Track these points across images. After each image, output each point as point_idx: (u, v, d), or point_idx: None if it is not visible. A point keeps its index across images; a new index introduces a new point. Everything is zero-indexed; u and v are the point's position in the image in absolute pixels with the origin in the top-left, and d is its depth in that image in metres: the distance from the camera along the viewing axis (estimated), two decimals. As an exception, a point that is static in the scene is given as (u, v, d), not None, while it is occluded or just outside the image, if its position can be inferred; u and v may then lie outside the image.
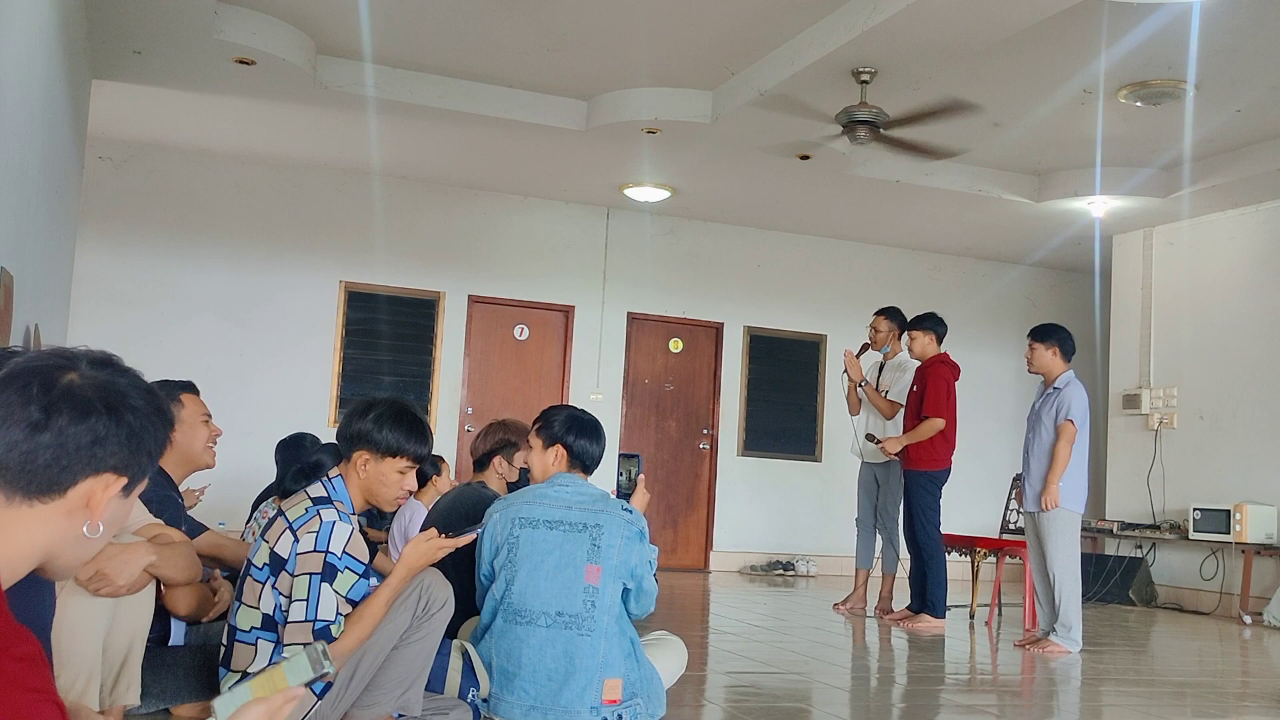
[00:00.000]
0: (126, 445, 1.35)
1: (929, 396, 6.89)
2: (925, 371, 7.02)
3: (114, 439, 1.34)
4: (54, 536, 1.33)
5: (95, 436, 1.33)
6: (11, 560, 1.31)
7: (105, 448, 1.34)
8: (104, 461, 1.34)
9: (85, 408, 1.33)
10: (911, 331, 7.17)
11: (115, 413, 1.35)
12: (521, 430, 4.23)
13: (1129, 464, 9.77)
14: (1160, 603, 9.15)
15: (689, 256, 10.54)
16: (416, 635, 2.93)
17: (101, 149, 8.72)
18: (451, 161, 9.10)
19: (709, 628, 6.54)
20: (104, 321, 8.53)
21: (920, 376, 7.05)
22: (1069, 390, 6.20)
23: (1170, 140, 7.96)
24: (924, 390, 6.94)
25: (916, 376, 7.10)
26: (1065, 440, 6.11)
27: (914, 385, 7.10)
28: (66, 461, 1.32)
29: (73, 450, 1.32)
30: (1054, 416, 6.19)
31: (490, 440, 4.31)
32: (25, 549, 1.32)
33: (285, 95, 7.50)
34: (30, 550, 1.32)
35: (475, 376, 9.95)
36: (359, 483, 2.94)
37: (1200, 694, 5.18)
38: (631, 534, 3.25)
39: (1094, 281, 11.21)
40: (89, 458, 1.33)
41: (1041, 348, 6.32)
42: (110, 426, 1.34)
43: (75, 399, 1.33)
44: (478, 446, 4.36)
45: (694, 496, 10.50)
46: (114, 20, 6.25)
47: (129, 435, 1.36)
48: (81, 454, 1.32)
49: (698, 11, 6.36)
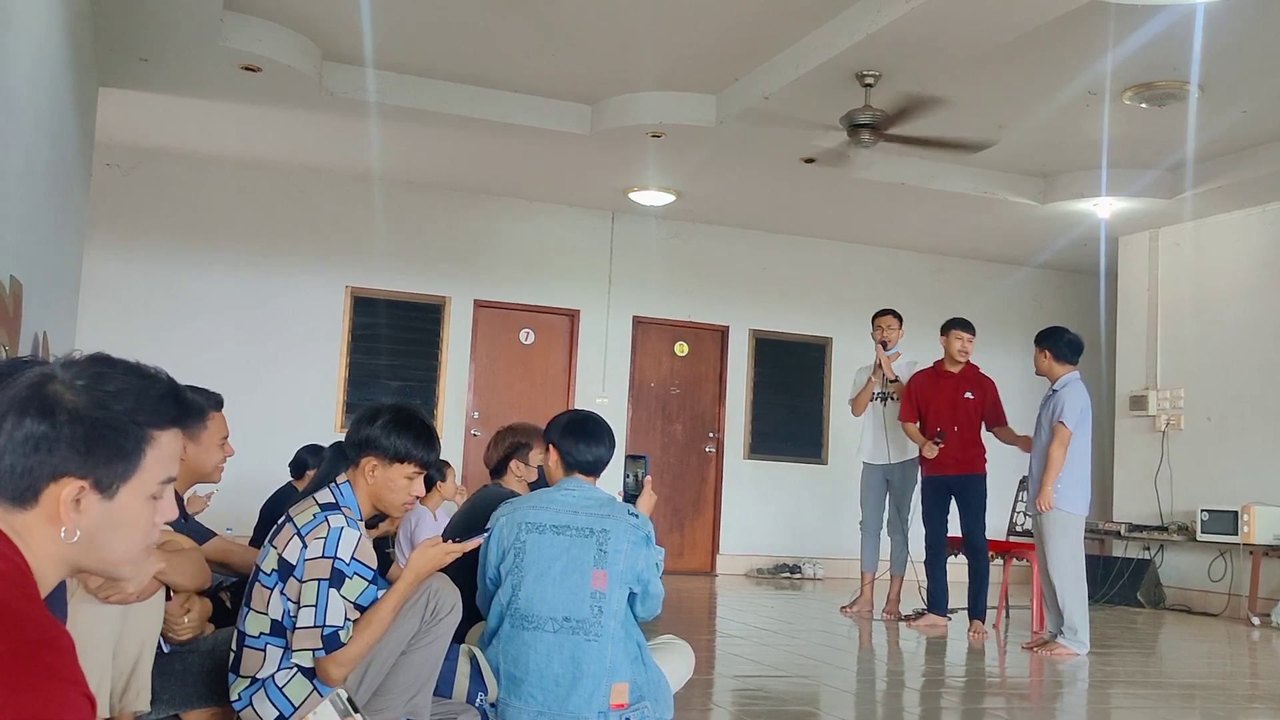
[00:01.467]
0: (78, 447, 1.31)
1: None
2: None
3: (59, 441, 1.30)
4: (55, 542, 1.33)
5: (35, 440, 1.30)
6: (39, 567, 1.32)
7: (52, 451, 1.30)
8: (58, 466, 1.31)
9: (21, 410, 1.31)
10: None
11: (49, 414, 1.31)
12: (531, 430, 4.25)
13: (1136, 466, 9.75)
14: (1168, 604, 9.13)
15: (694, 260, 10.55)
16: (424, 640, 2.93)
17: (109, 156, 8.74)
18: (456, 166, 9.12)
19: (716, 631, 6.54)
20: (112, 328, 8.54)
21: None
22: (1064, 392, 6.20)
23: (1176, 142, 7.96)
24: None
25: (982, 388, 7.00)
26: (1058, 442, 6.11)
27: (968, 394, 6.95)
28: (23, 466, 1.30)
29: (20, 455, 1.30)
30: (1050, 418, 6.21)
31: (502, 447, 4.30)
32: (43, 555, 1.33)
33: (291, 101, 7.52)
34: (47, 556, 1.33)
35: (481, 381, 9.96)
36: (367, 489, 2.95)
37: (1209, 696, 5.17)
38: (638, 538, 3.25)
39: (1099, 283, 11.19)
40: (39, 462, 1.30)
41: (1036, 351, 6.35)
42: (47, 428, 1.30)
43: (16, 403, 1.31)
44: (491, 455, 4.36)
45: (700, 500, 10.50)
46: (121, 28, 6.28)
47: (79, 437, 1.31)
48: (29, 459, 1.30)
49: (702, 15, 6.37)
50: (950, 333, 7.06)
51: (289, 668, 2.79)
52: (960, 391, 6.99)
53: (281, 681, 2.79)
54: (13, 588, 1.24)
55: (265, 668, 2.80)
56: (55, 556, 1.34)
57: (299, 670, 2.79)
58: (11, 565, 1.27)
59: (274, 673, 2.80)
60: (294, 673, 2.79)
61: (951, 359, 7.03)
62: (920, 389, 7.11)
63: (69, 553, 1.34)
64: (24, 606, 1.22)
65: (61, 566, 1.35)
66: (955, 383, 7.02)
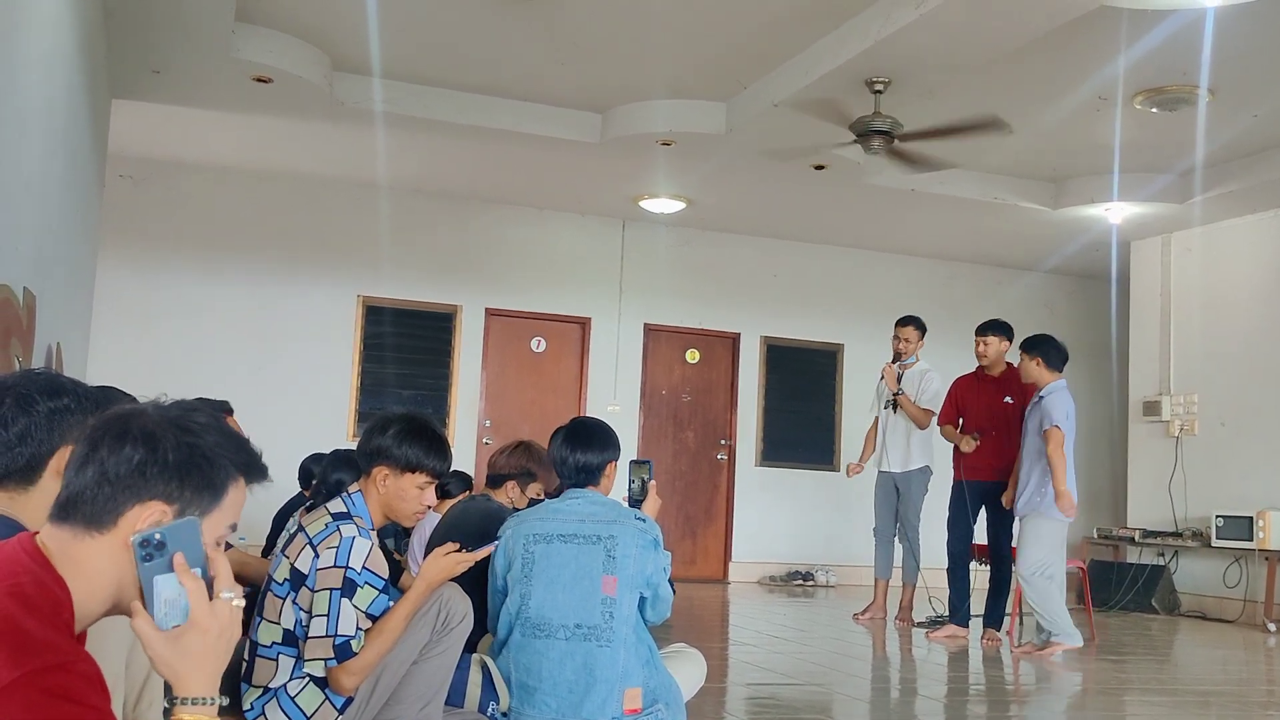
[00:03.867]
0: (175, 473, 1.38)
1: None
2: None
3: (158, 466, 1.37)
4: (119, 569, 1.37)
5: (134, 465, 1.36)
6: (88, 596, 1.35)
7: (147, 476, 1.37)
8: (149, 490, 1.37)
9: (120, 437, 1.38)
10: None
11: (151, 441, 1.38)
12: (545, 462, 4.14)
13: (1150, 472, 9.71)
14: (1183, 611, 9.08)
15: (705, 267, 10.55)
16: (436, 649, 2.94)
17: (121, 167, 8.79)
18: (467, 175, 9.15)
19: (728, 639, 6.53)
20: (125, 339, 8.59)
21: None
22: (1051, 399, 6.24)
23: (1187, 146, 7.93)
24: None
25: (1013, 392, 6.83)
26: (1056, 446, 6.12)
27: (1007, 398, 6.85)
28: (112, 490, 1.36)
29: (112, 479, 1.36)
30: (1039, 425, 6.23)
31: (512, 464, 4.24)
32: (95, 582, 1.36)
33: (302, 112, 7.55)
34: (100, 583, 1.36)
35: (493, 389, 9.97)
36: (378, 498, 2.96)
37: (1225, 703, 5.14)
38: (646, 543, 3.25)
39: (1111, 288, 11.16)
40: (130, 486, 1.36)
41: (1025, 357, 6.43)
42: (146, 454, 1.37)
43: (114, 430, 1.38)
44: (499, 463, 4.31)
45: (712, 507, 10.49)
46: (133, 41, 6.32)
47: (178, 464, 1.38)
48: (122, 482, 1.36)
49: (711, 23, 6.38)
50: (976, 336, 7.07)
51: (301, 677, 2.80)
52: (1000, 395, 6.90)
53: (294, 691, 2.79)
54: (40, 616, 1.27)
55: (277, 677, 2.81)
56: (109, 585, 1.37)
57: (311, 680, 2.79)
58: (45, 593, 1.30)
59: (286, 682, 2.80)
60: (306, 682, 2.79)
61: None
62: (960, 392, 7.11)
63: (123, 580, 1.37)
64: (48, 634, 1.25)
65: (108, 597, 1.38)
66: (996, 386, 6.95)
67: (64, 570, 1.34)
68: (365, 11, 6.34)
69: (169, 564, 1.36)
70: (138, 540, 1.35)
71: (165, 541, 1.36)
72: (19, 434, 1.90)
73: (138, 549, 1.34)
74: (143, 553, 1.35)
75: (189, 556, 1.37)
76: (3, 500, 1.93)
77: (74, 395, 1.97)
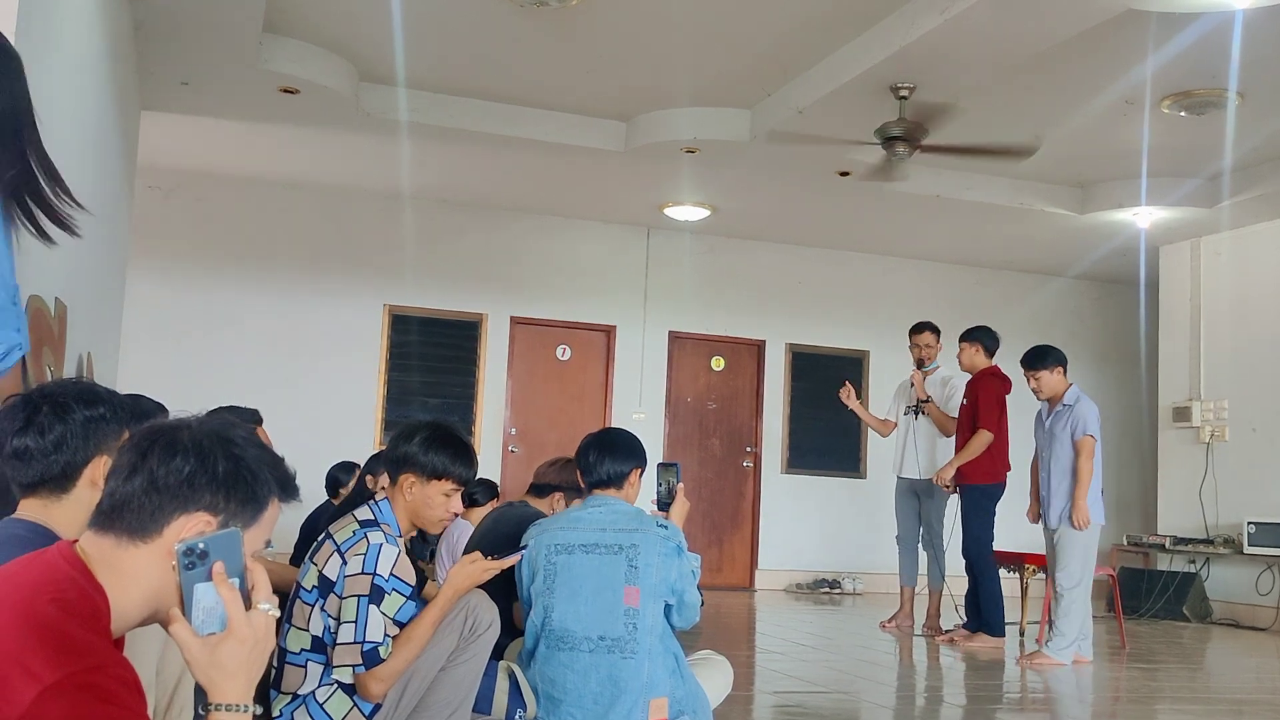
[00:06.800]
0: (223, 485, 1.41)
1: (980, 410, 6.83)
2: (975, 385, 6.96)
3: (206, 476, 1.40)
4: (159, 578, 1.39)
5: (184, 475, 1.39)
6: (126, 602, 1.38)
7: (195, 487, 1.40)
8: (196, 501, 1.40)
9: (172, 448, 1.41)
10: (961, 343, 7.12)
11: (201, 453, 1.41)
12: None
13: (1180, 478, 9.62)
14: (1215, 619, 8.98)
15: (729, 274, 10.54)
16: (463, 657, 2.95)
17: (150, 178, 8.87)
18: (492, 184, 9.18)
19: (755, 647, 6.51)
20: (154, 348, 8.66)
21: (970, 390, 6.98)
22: (1080, 407, 6.22)
23: (1215, 150, 7.86)
24: (975, 404, 6.88)
25: (967, 390, 7.03)
26: (1086, 455, 6.09)
27: (964, 399, 7.03)
28: (159, 500, 1.39)
29: (161, 488, 1.39)
30: (1072, 433, 6.19)
31: (561, 477, 4.34)
32: (134, 589, 1.39)
33: (329, 122, 7.60)
34: (139, 593, 1.39)
35: (518, 397, 9.99)
36: (405, 505, 2.97)
37: (1258, 712, 5.08)
38: (669, 550, 3.24)
39: (1140, 293, 11.06)
40: (178, 496, 1.39)
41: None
42: (196, 465, 1.40)
43: (162, 441, 1.42)
44: (547, 474, 4.39)
45: (738, 515, 10.46)
46: (162, 53, 6.38)
47: (226, 475, 1.41)
48: (170, 492, 1.39)
49: (735, 31, 6.38)
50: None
51: (329, 684, 2.81)
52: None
53: (322, 698, 2.81)
54: (80, 621, 1.30)
55: (306, 684, 2.83)
56: (147, 592, 1.40)
57: (339, 686, 2.81)
58: (85, 599, 1.34)
59: (315, 689, 2.82)
60: (334, 689, 2.81)
61: None
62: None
63: (162, 588, 1.40)
64: (88, 638, 1.29)
65: (146, 605, 1.41)
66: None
67: (103, 577, 1.37)
68: (391, 22, 6.38)
69: (209, 573, 1.38)
70: (182, 549, 1.37)
71: (208, 551, 1.38)
72: (55, 441, 1.91)
73: (181, 557, 1.37)
74: (186, 561, 1.37)
75: (229, 567, 1.40)
76: (36, 507, 1.95)
77: (109, 404, 1.98)
